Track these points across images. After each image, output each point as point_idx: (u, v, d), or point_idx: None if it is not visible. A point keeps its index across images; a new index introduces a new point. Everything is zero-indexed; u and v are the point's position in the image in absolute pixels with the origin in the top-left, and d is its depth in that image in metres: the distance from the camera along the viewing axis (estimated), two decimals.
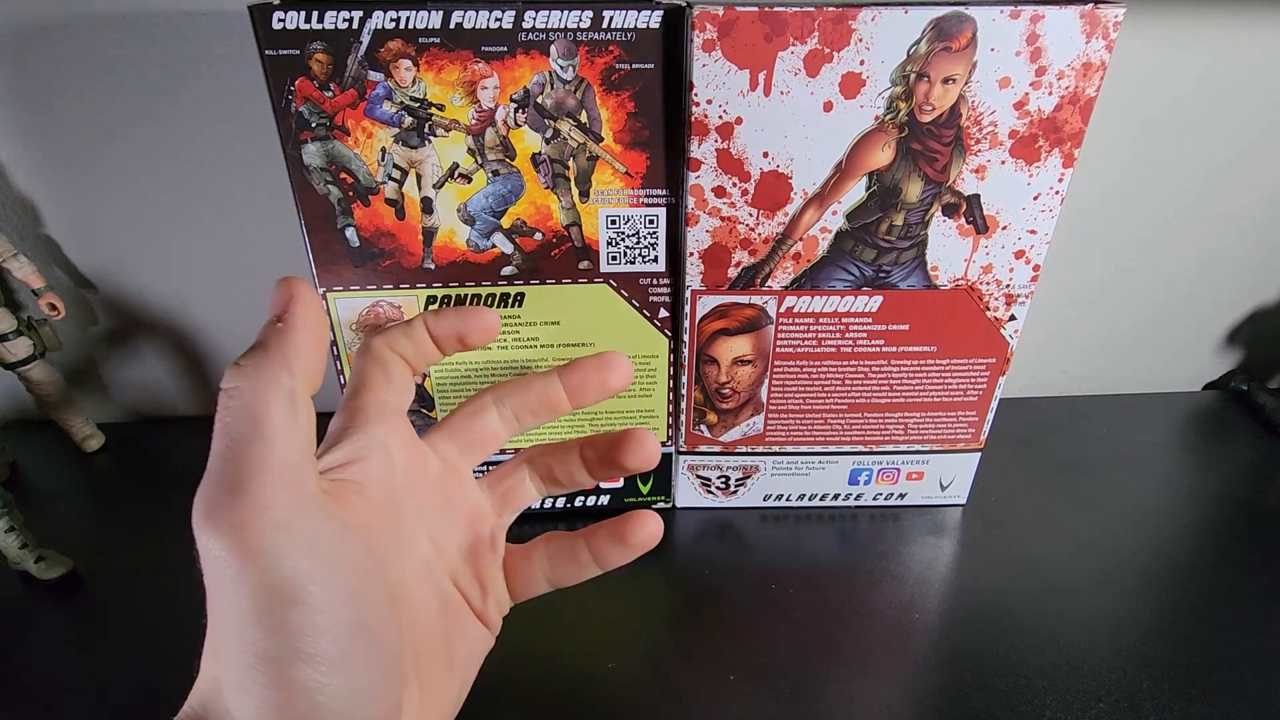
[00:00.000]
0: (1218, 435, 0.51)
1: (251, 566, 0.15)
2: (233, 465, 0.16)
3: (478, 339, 0.22)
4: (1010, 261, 0.35)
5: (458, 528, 0.23)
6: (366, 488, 0.20)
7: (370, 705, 0.17)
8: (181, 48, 0.42)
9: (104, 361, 0.52)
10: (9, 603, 0.38)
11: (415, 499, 0.22)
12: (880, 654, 0.35)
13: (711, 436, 0.40)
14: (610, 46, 0.30)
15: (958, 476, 0.42)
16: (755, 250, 0.34)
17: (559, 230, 0.34)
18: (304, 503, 0.17)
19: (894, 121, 0.31)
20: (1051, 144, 0.32)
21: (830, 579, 0.39)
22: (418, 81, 0.31)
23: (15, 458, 0.48)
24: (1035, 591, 0.38)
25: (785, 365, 0.38)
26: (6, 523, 0.37)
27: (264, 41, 0.29)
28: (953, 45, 0.30)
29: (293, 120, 0.31)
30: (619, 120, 0.32)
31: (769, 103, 0.31)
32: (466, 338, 0.22)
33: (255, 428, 0.16)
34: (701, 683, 0.33)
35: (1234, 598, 0.38)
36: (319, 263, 0.34)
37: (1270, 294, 0.54)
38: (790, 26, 0.29)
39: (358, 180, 0.32)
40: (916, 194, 0.33)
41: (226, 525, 0.15)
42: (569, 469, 0.25)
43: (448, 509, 0.23)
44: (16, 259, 0.43)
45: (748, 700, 0.33)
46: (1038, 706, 0.32)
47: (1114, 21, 0.30)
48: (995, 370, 0.38)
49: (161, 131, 0.44)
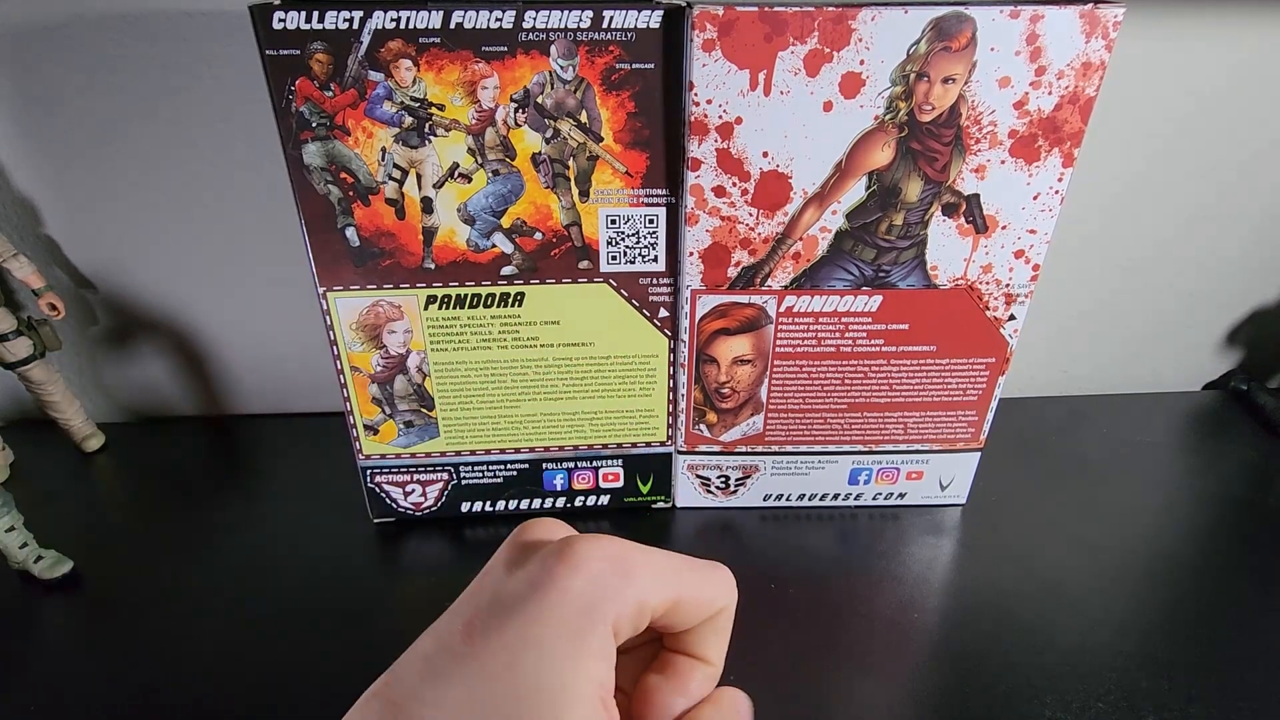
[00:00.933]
0: (1218, 435, 0.51)
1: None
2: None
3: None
4: (1010, 261, 0.35)
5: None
6: None
7: None
8: (182, 48, 0.42)
9: (104, 361, 0.52)
10: (9, 603, 0.38)
11: None
12: (880, 654, 0.35)
13: (711, 436, 0.40)
14: (610, 46, 0.30)
15: (957, 476, 0.42)
16: (755, 250, 0.34)
17: (559, 230, 0.34)
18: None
19: (894, 121, 0.31)
20: (1051, 144, 0.32)
21: (830, 579, 0.39)
22: (418, 81, 0.31)
23: (15, 458, 0.48)
24: (1035, 591, 0.38)
25: (785, 365, 0.38)
26: (7, 522, 0.37)
27: (264, 41, 0.29)
28: (952, 45, 0.30)
29: (293, 120, 0.31)
30: (619, 120, 0.32)
31: (769, 102, 0.31)
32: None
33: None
34: None
35: (1234, 598, 0.38)
36: (319, 262, 0.34)
37: (1270, 294, 0.54)
38: (790, 26, 0.29)
39: (358, 180, 0.32)
40: (916, 193, 0.33)
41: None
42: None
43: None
44: (16, 259, 0.43)
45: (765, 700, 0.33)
46: (1037, 706, 0.32)
47: (1114, 21, 0.30)
48: (995, 370, 0.38)
49: (161, 131, 0.44)
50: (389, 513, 0.42)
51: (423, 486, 0.41)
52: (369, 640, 0.35)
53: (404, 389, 0.37)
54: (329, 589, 0.38)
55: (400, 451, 0.39)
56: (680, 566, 0.18)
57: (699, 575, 0.19)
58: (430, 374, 0.37)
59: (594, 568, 0.16)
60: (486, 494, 0.41)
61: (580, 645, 0.15)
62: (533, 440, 0.40)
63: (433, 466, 0.40)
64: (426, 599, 0.37)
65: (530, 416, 0.39)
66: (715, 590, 0.19)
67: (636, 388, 0.38)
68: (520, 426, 0.39)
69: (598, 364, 0.37)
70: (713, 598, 0.20)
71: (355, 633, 0.36)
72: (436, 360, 0.37)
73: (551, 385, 0.38)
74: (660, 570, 0.18)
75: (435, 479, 0.41)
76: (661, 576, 0.17)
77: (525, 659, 0.15)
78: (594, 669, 0.15)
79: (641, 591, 0.17)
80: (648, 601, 0.17)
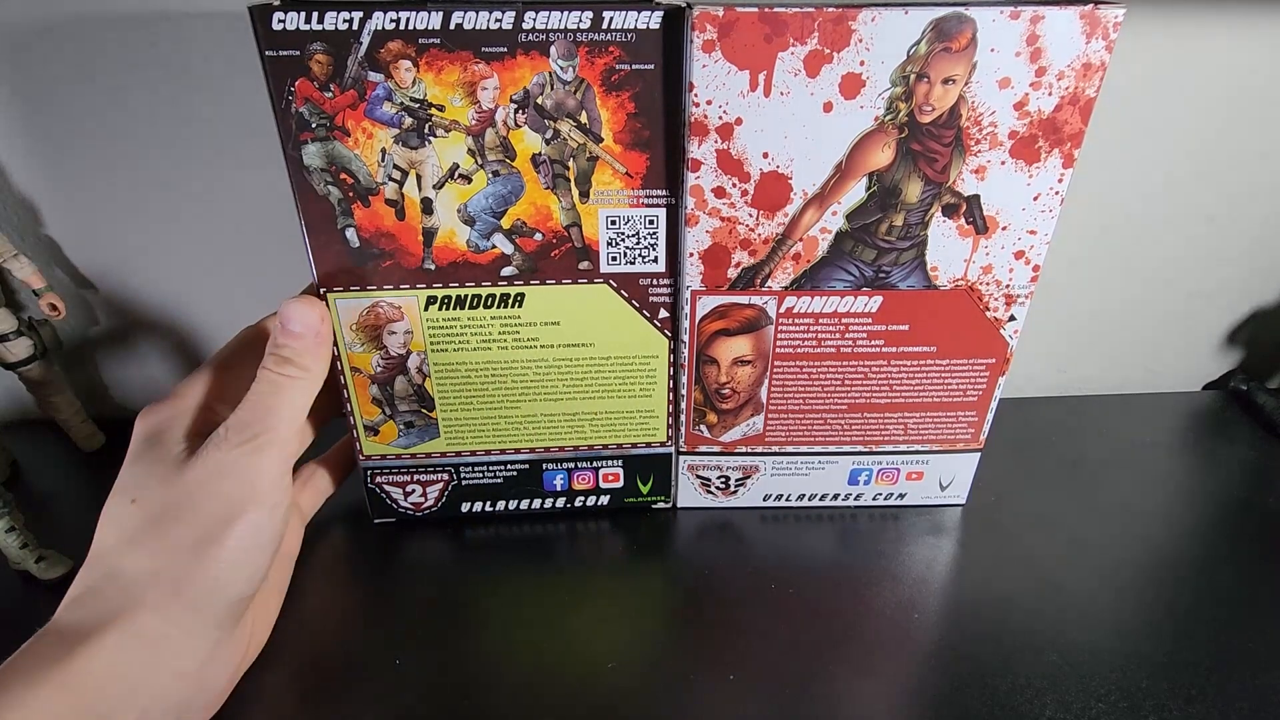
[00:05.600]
0: (1218, 435, 0.51)
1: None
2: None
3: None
4: (1010, 262, 0.35)
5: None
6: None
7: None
8: (182, 48, 0.42)
9: (104, 361, 0.52)
10: (9, 603, 0.38)
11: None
12: (880, 654, 0.35)
13: (711, 437, 0.40)
14: (610, 47, 0.30)
15: (957, 476, 0.42)
16: (755, 251, 0.34)
17: (559, 231, 0.34)
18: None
19: (894, 122, 0.31)
20: (1051, 144, 0.32)
21: (830, 579, 0.39)
22: (418, 82, 0.31)
23: (15, 458, 0.48)
24: (1035, 591, 0.38)
25: (785, 365, 0.38)
26: (7, 523, 0.37)
27: (264, 42, 0.29)
28: (953, 46, 0.30)
29: (293, 121, 0.31)
30: (619, 121, 0.32)
31: (769, 103, 0.31)
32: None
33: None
34: (702, 683, 0.33)
35: (1234, 598, 0.38)
36: (319, 263, 0.34)
37: (1270, 294, 0.54)
38: (790, 27, 0.29)
39: (358, 181, 0.32)
40: (916, 194, 0.33)
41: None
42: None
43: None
44: (17, 259, 0.43)
45: (748, 700, 0.33)
46: (1038, 706, 0.32)
47: (1114, 22, 0.30)
48: (995, 370, 0.38)
49: (161, 132, 0.44)
50: (389, 513, 0.42)
51: (423, 487, 0.41)
52: (370, 641, 0.35)
53: (404, 390, 0.37)
54: (329, 588, 0.38)
55: (400, 452, 0.39)
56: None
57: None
58: (430, 375, 0.37)
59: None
60: (487, 494, 0.41)
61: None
62: (533, 441, 0.40)
63: (433, 467, 0.40)
64: (427, 598, 0.38)
65: (530, 417, 0.39)
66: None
67: (637, 388, 0.38)
68: (520, 427, 0.39)
69: (598, 365, 0.37)
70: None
71: (356, 633, 0.36)
72: (437, 361, 0.37)
73: (552, 386, 0.38)
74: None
75: (436, 479, 0.41)
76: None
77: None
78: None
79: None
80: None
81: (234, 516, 0.28)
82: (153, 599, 0.27)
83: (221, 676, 0.31)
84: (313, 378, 0.31)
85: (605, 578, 0.39)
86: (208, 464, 0.29)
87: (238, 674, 0.32)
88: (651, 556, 0.41)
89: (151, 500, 0.29)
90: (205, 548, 0.28)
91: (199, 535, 0.28)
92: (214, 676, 0.30)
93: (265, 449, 0.29)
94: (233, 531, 0.28)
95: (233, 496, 0.28)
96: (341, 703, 0.32)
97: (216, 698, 0.31)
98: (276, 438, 0.30)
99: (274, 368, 0.31)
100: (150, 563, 0.28)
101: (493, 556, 0.40)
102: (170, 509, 0.28)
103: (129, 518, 0.29)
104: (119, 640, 0.27)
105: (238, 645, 0.31)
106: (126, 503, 0.29)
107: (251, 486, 0.29)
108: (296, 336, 0.31)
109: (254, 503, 0.29)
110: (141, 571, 0.28)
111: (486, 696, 0.33)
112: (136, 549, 0.28)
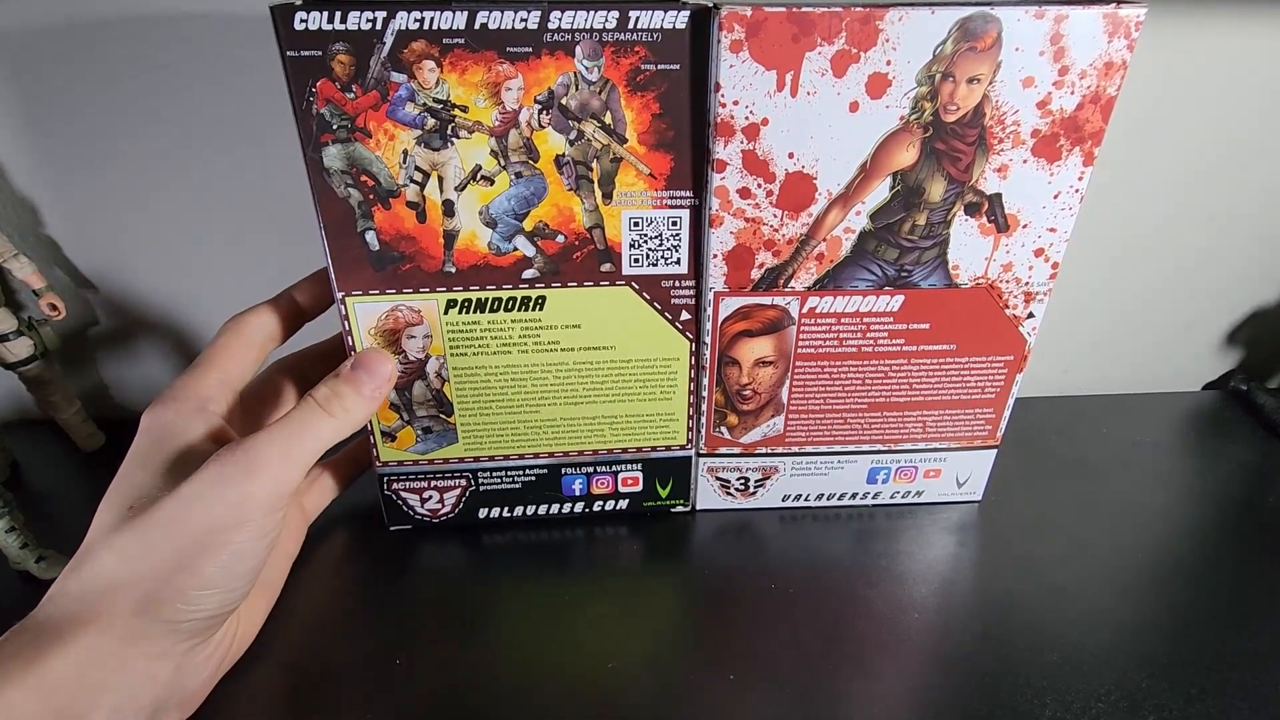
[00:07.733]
0: (1218, 435, 0.51)
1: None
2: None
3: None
4: (1030, 260, 0.35)
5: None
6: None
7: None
8: (182, 48, 0.42)
9: (104, 361, 0.52)
10: (9, 603, 0.36)
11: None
12: (891, 653, 0.35)
13: (732, 438, 0.40)
14: (636, 47, 0.30)
15: (974, 473, 0.43)
16: (779, 251, 0.34)
17: (581, 233, 0.34)
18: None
19: (919, 121, 0.31)
20: (1072, 143, 0.32)
21: (848, 578, 0.39)
22: (441, 83, 0.30)
23: (15, 458, 0.47)
24: (1034, 591, 0.38)
25: (806, 366, 0.38)
26: (7, 523, 0.37)
27: (286, 42, 0.29)
28: (978, 45, 0.30)
29: (314, 122, 0.30)
30: (644, 121, 0.32)
31: (795, 103, 0.31)
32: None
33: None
34: (724, 684, 0.33)
35: (1234, 598, 0.38)
36: (338, 267, 0.33)
37: (1270, 294, 0.54)
38: (818, 27, 0.29)
39: (379, 183, 0.32)
40: (939, 193, 0.33)
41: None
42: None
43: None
44: (17, 259, 0.42)
45: (772, 701, 0.32)
46: (1038, 706, 0.32)
47: (1135, 22, 0.30)
48: (1013, 367, 0.39)
49: (161, 132, 0.44)
50: (406, 520, 0.41)
51: (440, 493, 0.40)
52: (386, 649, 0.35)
53: (423, 395, 0.37)
54: (344, 596, 0.38)
55: (418, 458, 0.39)
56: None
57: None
58: (449, 379, 0.37)
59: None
60: (505, 500, 0.41)
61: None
62: (552, 445, 0.39)
63: (451, 473, 0.40)
64: (445, 605, 0.37)
65: (550, 421, 0.38)
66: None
67: (658, 391, 0.38)
68: (540, 431, 0.39)
69: (619, 368, 0.37)
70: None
71: (372, 641, 0.35)
72: (456, 365, 0.36)
73: (572, 389, 0.38)
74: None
75: (453, 485, 0.40)
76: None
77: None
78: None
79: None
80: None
81: (219, 541, 0.28)
82: (128, 606, 0.27)
83: (198, 679, 0.30)
84: (349, 424, 0.31)
85: (625, 582, 0.39)
86: (206, 480, 0.28)
87: (217, 674, 0.32)
88: (671, 560, 0.40)
89: (145, 506, 0.28)
90: (187, 564, 0.27)
91: (183, 551, 0.27)
92: (190, 679, 0.30)
93: (265, 476, 0.28)
94: (215, 555, 0.28)
95: (223, 520, 0.28)
96: (363, 711, 0.32)
97: (193, 697, 0.31)
98: (284, 468, 0.29)
99: (321, 400, 0.30)
100: (130, 570, 0.27)
101: (510, 562, 0.40)
102: (161, 519, 0.28)
103: (120, 520, 0.28)
104: (91, 642, 0.26)
105: (216, 650, 0.31)
106: (120, 504, 0.29)
107: (243, 511, 0.28)
108: (360, 383, 0.31)
109: (241, 529, 0.28)
110: (121, 577, 0.27)
111: (507, 704, 0.32)
112: (120, 553, 0.27)
